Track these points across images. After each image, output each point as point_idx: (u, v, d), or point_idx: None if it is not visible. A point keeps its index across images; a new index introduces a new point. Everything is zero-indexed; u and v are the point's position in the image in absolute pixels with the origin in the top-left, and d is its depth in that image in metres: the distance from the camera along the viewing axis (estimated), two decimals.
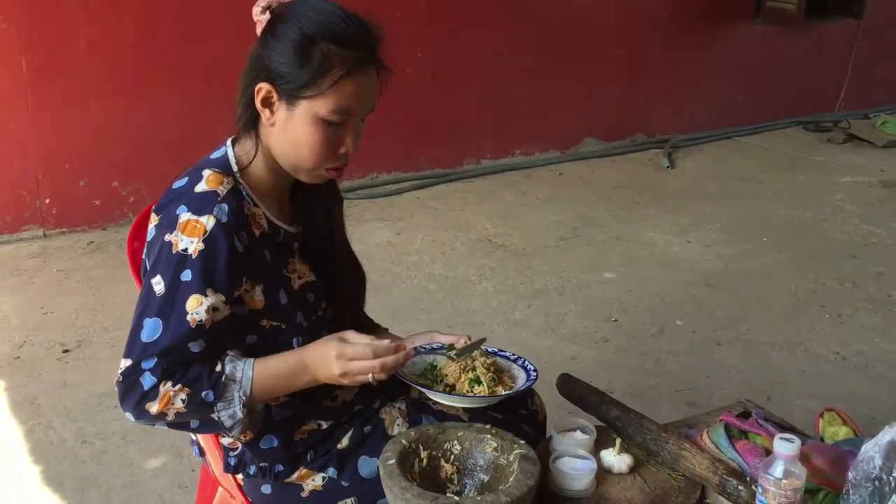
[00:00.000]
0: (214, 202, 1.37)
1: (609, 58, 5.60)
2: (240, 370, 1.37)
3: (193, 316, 1.34)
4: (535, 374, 1.61)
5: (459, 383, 1.55)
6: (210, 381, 1.35)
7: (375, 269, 3.67)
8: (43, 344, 3.16)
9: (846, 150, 5.99)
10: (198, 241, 1.35)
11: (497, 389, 1.55)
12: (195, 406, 1.34)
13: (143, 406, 1.33)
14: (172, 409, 1.33)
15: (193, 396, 1.34)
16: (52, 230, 4.14)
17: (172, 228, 1.36)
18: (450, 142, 5.16)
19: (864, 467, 1.36)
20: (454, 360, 1.57)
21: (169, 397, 1.33)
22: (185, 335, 1.34)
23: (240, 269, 1.39)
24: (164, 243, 1.36)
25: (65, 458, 2.53)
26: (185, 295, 1.34)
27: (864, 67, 6.63)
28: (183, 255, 1.35)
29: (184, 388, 1.33)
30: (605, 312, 3.50)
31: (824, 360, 3.18)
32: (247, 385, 1.37)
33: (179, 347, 1.34)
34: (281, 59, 1.37)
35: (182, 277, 1.35)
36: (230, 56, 1.91)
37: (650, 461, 1.57)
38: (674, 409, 2.80)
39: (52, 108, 4.00)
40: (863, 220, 4.62)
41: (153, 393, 1.33)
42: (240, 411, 1.36)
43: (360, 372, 1.38)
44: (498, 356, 1.67)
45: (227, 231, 1.37)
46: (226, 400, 1.36)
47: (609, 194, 4.96)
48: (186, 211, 1.36)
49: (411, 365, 1.61)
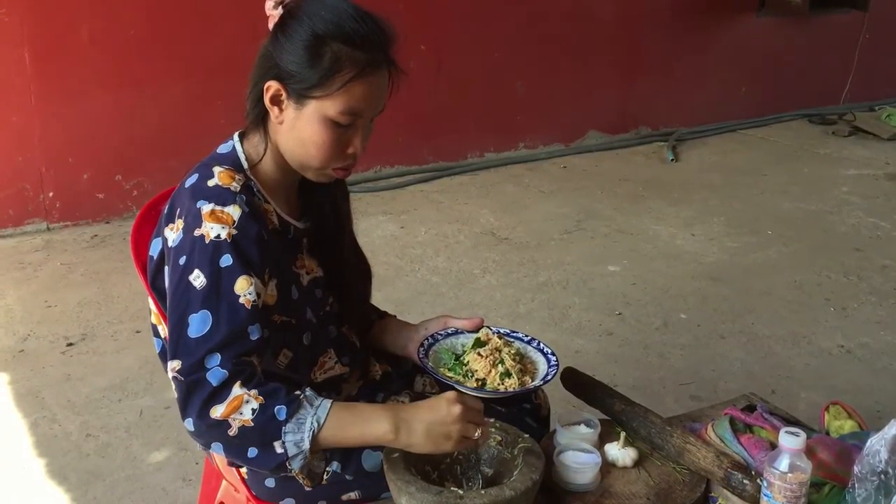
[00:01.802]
0: (234, 194, 1.35)
1: (613, 50, 5.58)
2: (319, 399, 1.31)
3: (247, 297, 1.30)
4: (554, 358, 1.62)
5: (490, 377, 1.55)
6: (287, 398, 1.28)
7: (379, 262, 3.66)
8: (47, 337, 3.16)
9: (851, 142, 5.97)
10: (230, 227, 1.32)
11: (525, 380, 1.57)
12: (263, 422, 1.26)
13: (208, 409, 1.26)
14: (239, 419, 1.25)
15: (265, 409, 1.26)
16: (55, 223, 4.14)
17: (198, 222, 1.33)
18: (453, 135, 5.15)
19: (870, 461, 1.35)
20: (482, 356, 1.57)
21: (240, 402, 1.25)
22: (242, 319, 1.29)
23: (268, 256, 1.37)
24: (194, 239, 1.32)
25: (69, 452, 2.53)
26: (230, 279, 1.30)
27: (869, 59, 6.60)
28: (217, 242, 1.31)
29: (259, 395, 1.26)
30: (610, 306, 3.49)
31: (829, 354, 3.17)
32: (322, 413, 1.29)
33: (239, 335, 1.28)
34: (291, 59, 1.35)
35: (222, 263, 1.31)
36: (234, 49, 1.91)
37: (655, 455, 1.57)
38: (678, 402, 2.79)
39: (56, 101, 4.00)
40: (868, 213, 4.60)
41: (223, 392, 1.26)
42: (307, 439, 1.27)
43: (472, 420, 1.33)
44: (514, 339, 1.67)
45: (254, 218, 1.35)
46: (297, 422, 1.27)
47: (613, 187, 4.94)
48: (208, 203, 1.34)
49: (435, 356, 1.61)
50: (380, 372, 1.68)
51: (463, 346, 1.64)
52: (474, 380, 1.55)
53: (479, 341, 1.61)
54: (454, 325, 1.67)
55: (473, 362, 1.57)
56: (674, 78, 5.89)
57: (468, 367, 1.58)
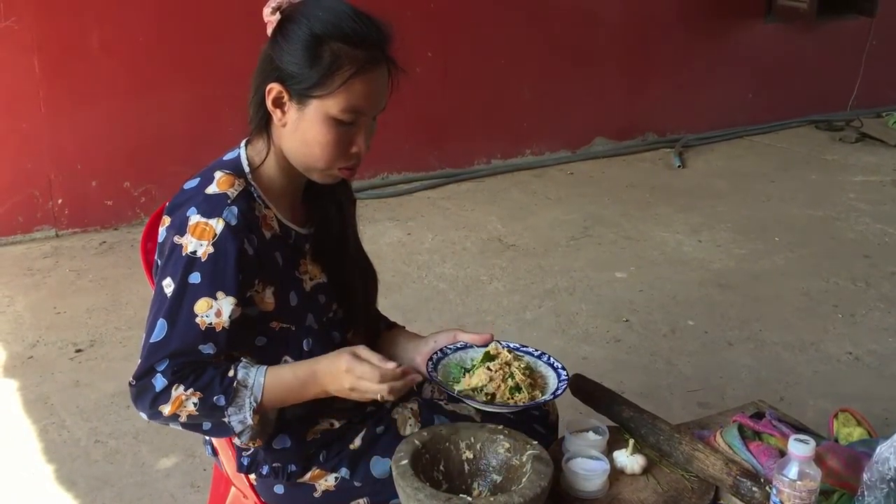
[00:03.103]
0: (224, 205, 1.37)
1: (619, 56, 5.58)
2: (252, 377, 1.39)
3: (203, 318, 1.35)
4: (564, 372, 1.62)
5: (500, 392, 1.54)
6: (222, 387, 1.37)
7: (386, 269, 3.67)
8: (56, 343, 3.17)
9: (858, 148, 5.95)
10: (207, 244, 1.36)
11: (535, 395, 1.56)
12: (207, 410, 1.36)
13: (156, 407, 1.36)
14: (185, 411, 1.36)
15: (205, 400, 1.36)
16: (64, 230, 4.15)
17: (183, 231, 1.37)
18: (460, 141, 5.15)
19: (879, 468, 1.35)
20: (492, 371, 1.56)
21: (181, 400, 1.35)
22: (194, 338, 1.36)
23: (250, 271, 1.39)
24: (174, 245, 1.37)
25: (77, 458, 2.54)
26: (193, 298, 1.36)
27: (876, 66, 6.58)
28: (192, 258, 1.36)
29: (196, 392, 1.35)
30: (617, 312, 3.49)
31: (837, 361, 3.16)
32: (258, 391, 1.38)
33: (190, 350, 1.36)
34: (291, 60, 1.37)
35: (190, 280, 1.36)
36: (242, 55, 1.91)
37: (663, 462, 1.57)
38: (685, 409, 2.79)
39: (65, 108, 4.02)
40: (875, 220, 4.59)
41: (165, 395, 1.35)
42: (249, 417, 1.38)
43: (367, 391, 1.39)
44: (524, 353, 1.66)
45: (237, 233, 1.37)
46: (236, 405, 1.37)
47: (620, 194, 4.94)
48: (196, 213, 1.37)
49: (444, 369, 1.60)
50: None
51: (472, 360, 1.63)
52: (484, 394, 1.54)
53: (489, 355, 1.60)
54: (463, 340, 1.66)
55: (483, 377, 1.56)
56: (680, 84, 5.88)
57: (478, 382, 1.56)
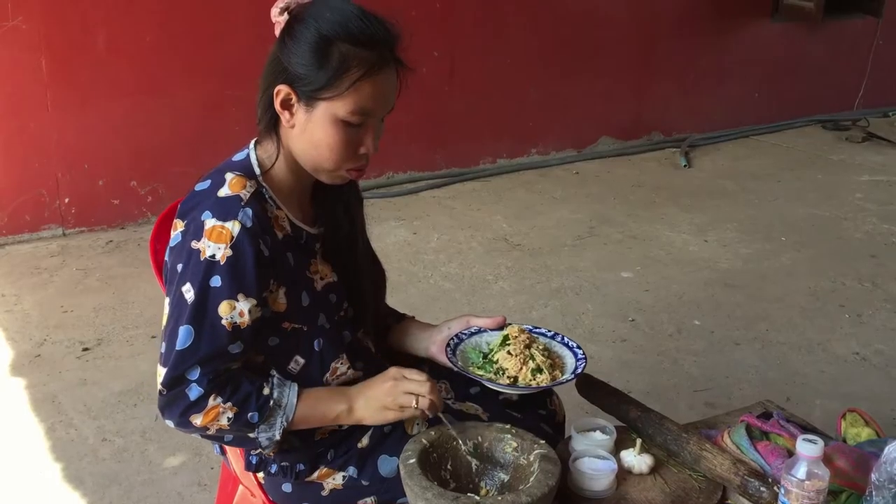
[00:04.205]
0: (238, 207, 1.37)
1: (625, 56, 5.58)
2: (286, 396, 1.42)
3: (228, 320, 1.36)
4: (580, 351, 1.65)
5: (521, 374, 1.57)
6: (257, 404, 1.39)
7: (392, 268, 3.66)
8: (63, 342, 3.18)
9: (865, 148, 5.94)
10: (225, 248, 1.35)
11: (556, 375, 1.59)
12: (238, 425, 1.38)
13: (187, 417, 1.37)
14: (216, 424, 1.37)
15: (239, 416, 1.38)
16: (71, 229, 4.17)
17: (199, 236, 1.36)
18: (466, 141, 5.16)
19: (888, 469, 1.35)
20: (512, 355, 1.58)
21: (217, 413, 1.37)
22: (222, 339, 1.36)
23: (266, 272, 1.40)
24: (191, 251, 1.37)
25: (85, 456, 2.55)
26: (216, 301, 1.35)
27: (883, 66, 6.58)
28: (211, 262, 1.35)
29: (233, 406, 1.37)
30: (623, 312, 3.49)
31: (844, 361, 3.15)
32: (290, 411, 1.42)
33: (220, 352, 1.36)
34: (299, 61, 1.37)
35: (212, 283, 1.36)
36: (248, 55, 1.92)
37: (671, 462, 1.57)
38: (692, 409, 2.79)
39: (72, 107, 4.03)
40: (882, 220, 4.58)
41: (200, 404, 1.36)
42: (279, 435, 1.41)
43: (410, 402, 1.41)
44: (539, 335, 1.68)
45: (253, 235, 1.37)
46: (268, 423, 1.40)
47: (626, 193, 4.94)
48: (211, 217, 1.36)
49: (462, 355, 1.63)
50: None
51: (488, 343, 1.65)
52: (506, 377, 1.56)
53: (506, 338, 1.62)
54: (476, 324, 1.68)
55: (504, 360, 1.58)
56: (686, 83, 5.88)
57: (499, 365, 1.58)
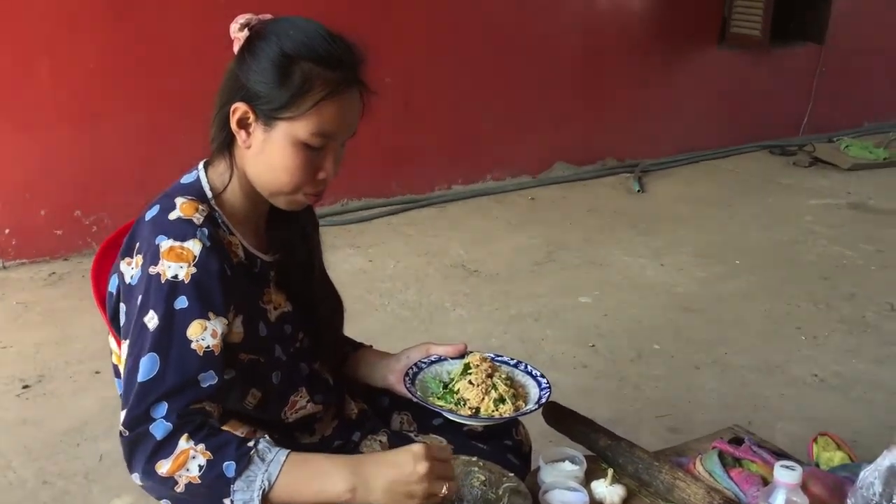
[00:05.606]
0: (195, 227, 1.28)
1: (577, 83, 5.61)
2: (272, 452, 1.21)
3: (199, 342, 1.23)
4: (544, 380, 1.58)
5: (484, 405, 1.50)
6: (237, 452, 1.19)
7: (348, 296, 3.51)
8: (2, 380, 3.03)
9: (812, 172, 6.06)
10: (188, 266, 1.25)
11: (519, 405, 1.52)
12: (211, 479, 1.18)
13: (153, 463, 1.19)
14: (185, 475, 1.18)
15: (213, 465, 1.18)
16: (11, 261, 4.00)
17: (156, 260, 1.26)
18: (421, 167, 5.12)
19: (864, 493, 1.32)
20: (474, 385, 1.51)
21: (186, 457, 1.18)
22: (192, 366, 1.22)
23: (232, 293, 1.30)
24: (150, 277, 1.26)
25: (24, 500, 2.41)
26: (184, 322, 1.24)
27: (826, 92, 6.74)
28: (174, 283, 1.25)
29: (206, 450, 1.19)
30: (583, 338, 3.45)
31: (803, 383, 3.16)
32: (274, 470, 1.19)
33: (189, 382, 1.22)
34: (259, 79, 1.30)
35: (177, 306, 1.24)
36: (195, 82, 1.86)
37: (643, 492, 1.51)
38: (654, 434, 2.75)
39: (12, 136, 3.89)
40: (832, 242, 4.65)
41: (168, 446, 1.18)
42: (257, 498, 1.18)
43: (442, 476, 1.23)
44: (501, 363, 1.61)
45: (217, 252, 1.28)
46: (246, 480, 1.18)
47: (582, 218, 4.94)
48: (167, 238, 1.27)
49: (421, 384, 1.55)
50: (356, 410, 1.61)
51: (449, 373, 1.58)
52: (467, 408, 1.49)
53: (468, 367, 1.55)
54: (437, 353, 1.61)
55: (465, 391, 1.51)
56: (637, 110, 5.94)
57: (460, 396, 1.51)
